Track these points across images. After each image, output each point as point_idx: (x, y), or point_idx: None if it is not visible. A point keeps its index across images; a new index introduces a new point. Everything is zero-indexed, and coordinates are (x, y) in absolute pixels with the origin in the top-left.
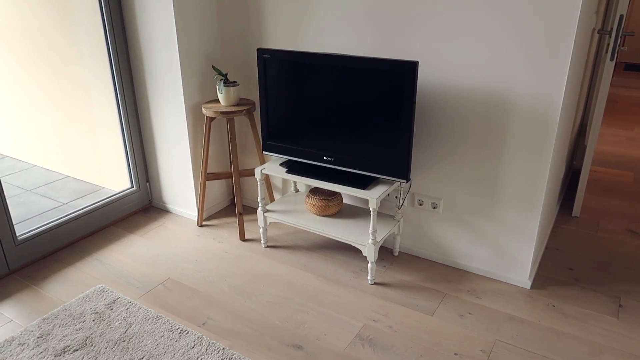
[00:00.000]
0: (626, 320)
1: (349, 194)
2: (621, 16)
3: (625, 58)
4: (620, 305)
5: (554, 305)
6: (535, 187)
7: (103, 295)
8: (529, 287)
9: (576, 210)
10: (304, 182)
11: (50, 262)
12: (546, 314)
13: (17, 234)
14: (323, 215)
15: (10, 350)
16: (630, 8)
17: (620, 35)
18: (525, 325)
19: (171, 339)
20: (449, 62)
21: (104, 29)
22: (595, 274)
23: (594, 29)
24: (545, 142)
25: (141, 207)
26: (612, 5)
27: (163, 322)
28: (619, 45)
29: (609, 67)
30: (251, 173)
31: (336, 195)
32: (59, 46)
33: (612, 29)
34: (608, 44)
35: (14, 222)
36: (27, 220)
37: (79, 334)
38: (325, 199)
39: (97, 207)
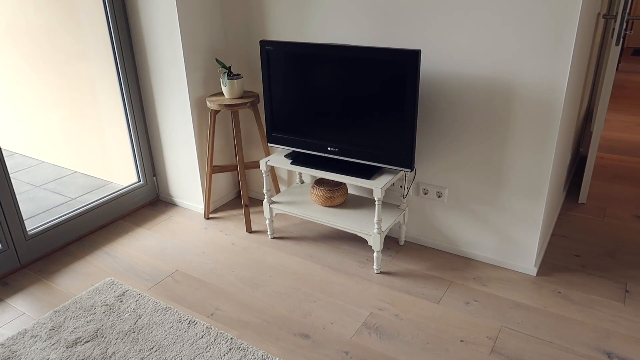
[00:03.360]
0: (633, 306)
1: (353, 184)
2: (626, 0)
3: (634, 43)
4: (626, 291)
5: (560, 292)
6: (540, 174)
7: (113, 288)
8: (535, 274)
9: (582, 197)
10: (309, 173)
11: (60, 256)
12: (552, 300)
13: (28, 229)
14: (328, 206)
15: (23, 343)
16: None
17: (625, 19)
18: (532, 311)
19: (180, 330)
20: (451, 50)
21: (107, 25)
22: (601, 260)
23: (599, 14)
24: (549, 128)
25: (148, 201)
26: None
27: (172, 313)
28: (625, 30)
29: (614, 52)
30: (256, 165)
31: (341, 185)
32: (64, 43)
33: (617, 13)
34: (613, 29)
35: (24, 218)
36: (36, 216)
37: (90, 326)
38: (330, 190)
39: (105, 201)
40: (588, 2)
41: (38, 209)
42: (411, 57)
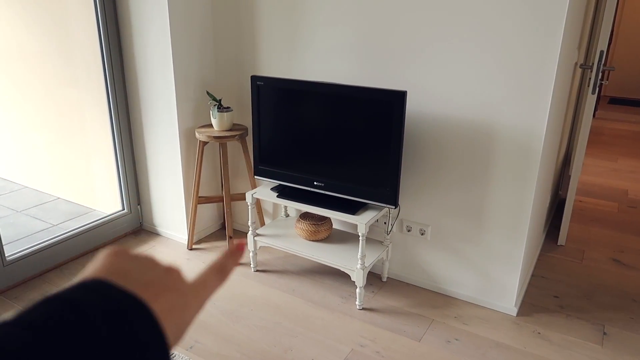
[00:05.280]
0: (610, 348)
1: (338, 219)
2: (602, 52)
3: (610, 92)
4: (604, 333)
5: (539, 332)
6: (520, 216)
7: None
8: (515, 314)
9: (562, 239)
10: (295, 207)
11: (38, 284)
12: (532, 340)
13: (6, 255)
14: (313, 240)
15: None
16: (613, 44)
17: (601, 70)
18: (511, 351)
19: None
20: (436, 92)
21: (101, 52)
22: (580, 301)
23: (576, 64)
24: (529, 171)
25: (131, 229)
26: (593, 41)
27: None
28: (601, 79)
29: (591, 100)
30: (242, 197)
31: (326, 220)
32: (55, 68)
33: (593, 63)
34: (590, 78)
35: (3, 243)
36: (16, 241)
37: None
38: (315, 224)
39: (87, 229)
40: (566, 53)
41: (18, 235)
42: (398, 97)
